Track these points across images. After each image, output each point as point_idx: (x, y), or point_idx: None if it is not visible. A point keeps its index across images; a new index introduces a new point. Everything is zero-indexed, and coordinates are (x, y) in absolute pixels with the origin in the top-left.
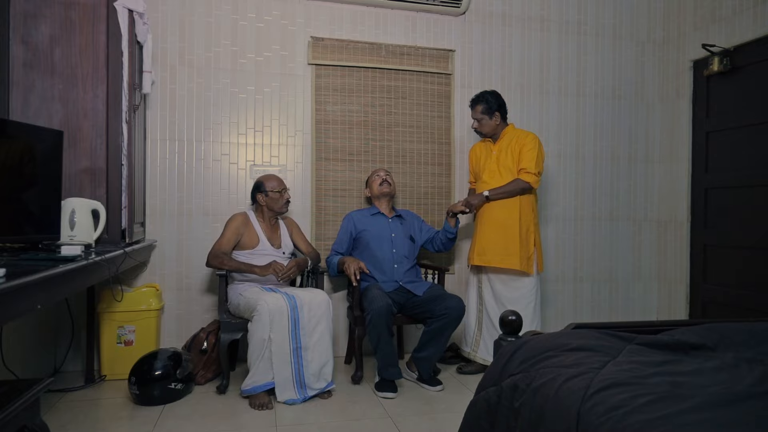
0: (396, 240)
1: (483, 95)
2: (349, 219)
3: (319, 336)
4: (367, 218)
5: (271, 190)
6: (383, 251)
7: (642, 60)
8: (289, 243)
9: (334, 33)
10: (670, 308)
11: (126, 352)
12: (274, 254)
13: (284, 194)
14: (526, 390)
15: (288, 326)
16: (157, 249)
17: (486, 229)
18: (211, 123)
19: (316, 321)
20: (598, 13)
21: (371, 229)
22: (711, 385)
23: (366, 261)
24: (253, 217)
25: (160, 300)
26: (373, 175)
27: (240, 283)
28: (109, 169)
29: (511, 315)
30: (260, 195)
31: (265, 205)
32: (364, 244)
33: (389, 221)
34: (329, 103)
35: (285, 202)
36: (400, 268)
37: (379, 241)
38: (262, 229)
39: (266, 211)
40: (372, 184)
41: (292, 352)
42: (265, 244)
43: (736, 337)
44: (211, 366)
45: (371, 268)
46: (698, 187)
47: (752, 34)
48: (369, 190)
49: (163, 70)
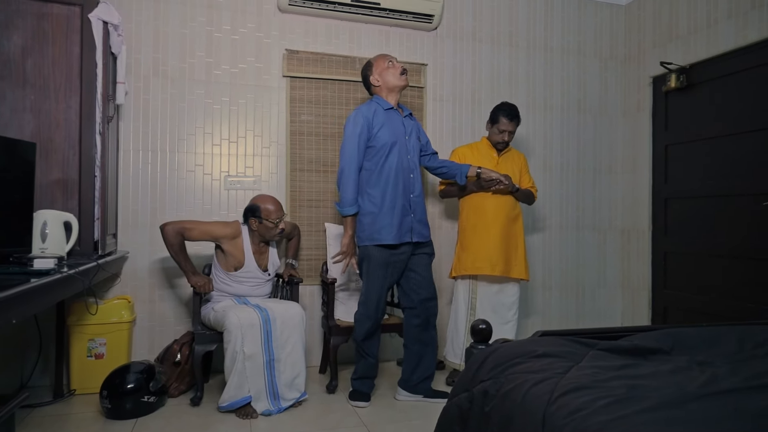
0: (413, 152)
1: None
2: (362, 116)
3: (292, 347)
4: (381, 114)
5: (266, 218)
6: (403, 170)
7: (605, 76)
8: (277, 261)
9: (309, 46)
10: (634, 314)
11: (97, 365)
12: (259, 277)
13: (280, 225)
14: (496, 395)
15: (260, 339)
16: (130, 260)
17: (494, 238)
18: (185, 134)
19: (289, 333)
20: (563, 31)
21: (388, 132)
22: (665, 387)
23: (377, 186)
24: (246, 235)
25: (132, 312)
26: (382, 61)
27: (216, 296)
28: (82, 181)
29: (482, 324)
30: (254, 220)
31: (257, 230)
32: (381, 155)
33: (403, 121)
34: (304, 115)
35: (279, 232)
36: (417, 201)
37: (399, 154)
38: (252, 249)
39: (256, 236)
40: (384, 74)
41: (265, 364)
42: (250, 266)
43: (690, 342)
44: (185, 378)
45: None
46: (658, 197)
47: (706, 54)
48: (377, 81)
49: (137, 80)
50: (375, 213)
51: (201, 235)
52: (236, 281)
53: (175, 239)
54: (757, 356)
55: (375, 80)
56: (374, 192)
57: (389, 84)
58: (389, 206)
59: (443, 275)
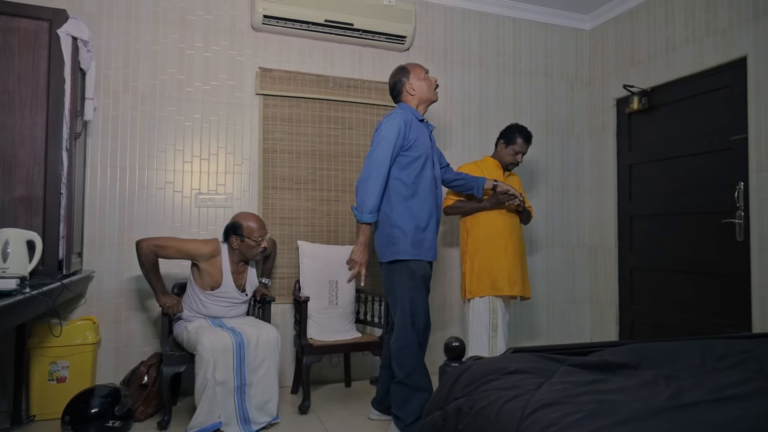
0: (437, 166)
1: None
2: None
3: (265, 371)
4: (416, 124)
5: (248, 236)
6: (435, 185)
7: (571, 97)
8: (255, 281)
9: (282, 64)
10: (602, 329)
11: (59, 389)
12: (236, 298)
13: (262, 243)
14: (469, 413)
15: (233, 364)
16: (95, 280)
17: (511, 258)
18: (155, 150)
19: (263, 357)
20: (531, 54)
21: (422, 143)
22: (633, 401)
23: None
24: (225, 253)
25: (97, 333)
26: (419, 70)
27: (187, 316)
28: (47, 198)
29: (455, 341)
30: (235, 238)
31: (238, 249)
32: (416, 166)
33: (430, 135)
34: (277, 133)
35: (261, 251)
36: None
37: (431, 167)
38: (231, 269)
39: (237, 254)
40: (421, 84)
41: (236, 389)
42: (228, 286)
43: (656, 356)
44: (152, 401)
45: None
46: (624, 215)
47: (665, 78)
48: (412, 89)
49: (106, 96)
50: (417, 226)
51: (176, 254)
52: (211, 301)
53: (149, 257)
54: (718, 369)
55: (410, 88)
56: (414, 204)
57: (424, 95)
58: (427, 219)
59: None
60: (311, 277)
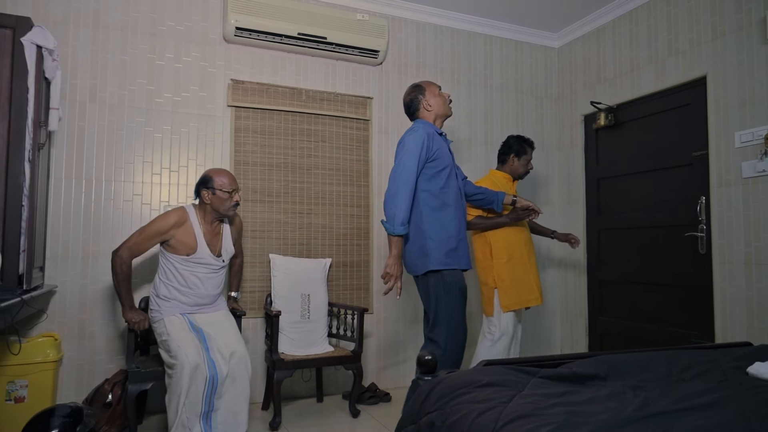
0: (459, 178)
1: None
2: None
3: (234, 394)
4: (437, 137)
5: (219, 188)
6: (459, 195)
7: (541, 113)
8: (230, 247)
9: (254, 76)
10: (572, 341)
11: (16, 410)
12: (212, 264)
13: (234, 195)
14: (442, 426)
15: (203, 391)
16: (58, 295)
17: (533, 270)
18: (122, 162)
19: (232, 380)
20: (502, 70)
21: (445, 155)
22: (602, 413)
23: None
24: (194, 215)
25: (59, 350)
26: (434, 87)
27: (164, 294)
28: (8, 211)
29: (428, 355)
30: (206, 192)
31: (210, 204)
32: (442, 177)
33: (449, 148)
34: (249, 145)
35: (234, 204)
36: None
37: (454, 178)
38: (203, 231)
39: (209, 212)
40: (437, 100)
41: (202, 415)
42: (203, 251)
43: (624, 367)
44: (117, 420)
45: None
46: (593, 228)
47: (630, 95)
48: (429, 106)
49: (72, 106)
50: (449, 236)
51: (150, 241)
52: (188, 269)
53: (124, 265)
54: (684, 380)
55: (427, 105)
56: (443, 214)
57: (440, 111)
58: (458, 228)
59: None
60: (283, 291)
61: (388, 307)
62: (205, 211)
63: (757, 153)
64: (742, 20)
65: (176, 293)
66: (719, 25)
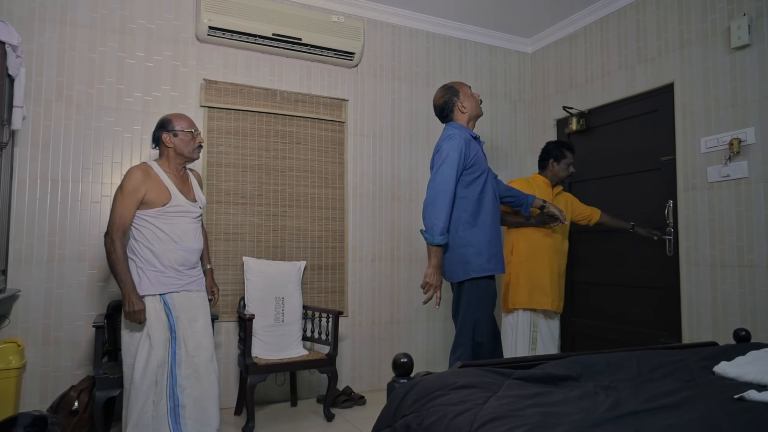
0: (494, 181)
1: None
2: (462, 141)
3: (200, 389)
4: (473, 141)
5: (180, 130)
6: (495, 199)
7: (515, 117)
8: (202, 195)
9: (228, 77)
10: None
11: None
12: (190, 210)
13: (198, 136)
14: (418, 429)
15: (166, 383)
16: (21, 299)
17: (553, 274)
18: (90, 163)
19: (196, 375)
20: (476, 74)
21: (481, 160)
22: (575, 413)
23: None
24: (157, 167)
25: (22, 357)
26: (466, 88)
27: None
28: None
29: (403, 357)
30: (167, 135)
31: (173, 147)
32: (479, 182)
33: (483, 149)
34: (222, 146)
35: (197, 147)
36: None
37: (490, 183)
38: (172, 180)
39: (173, 158)
40: (471, 101)
41: (169, 411)
42: (178, 198)
43: (596, 368)
44: (83, 428)
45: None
46: None
47: (601, 100)
48: (464, 108)
49: (37, 105)
50: (489, 241)
51: (130, 209)
52: (169, 222)
53: (116, 244)
54: (653, 379)
55: (462, 107)
56: (482, 220)
57: (474, 112)
58: (496, 234)
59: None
60: (257, 294)
61: (363, 310)
62: (169, 158)
63: (722, 158)
64: (708, 29)
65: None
66: (686, 33)
